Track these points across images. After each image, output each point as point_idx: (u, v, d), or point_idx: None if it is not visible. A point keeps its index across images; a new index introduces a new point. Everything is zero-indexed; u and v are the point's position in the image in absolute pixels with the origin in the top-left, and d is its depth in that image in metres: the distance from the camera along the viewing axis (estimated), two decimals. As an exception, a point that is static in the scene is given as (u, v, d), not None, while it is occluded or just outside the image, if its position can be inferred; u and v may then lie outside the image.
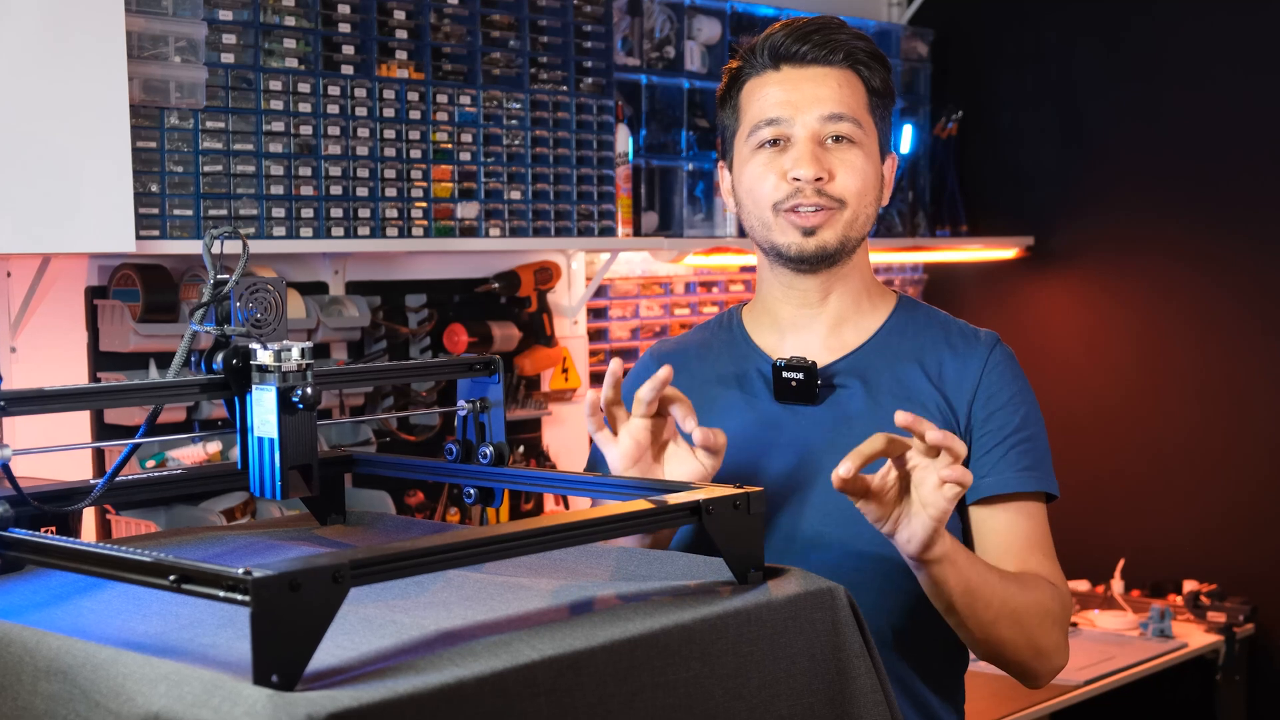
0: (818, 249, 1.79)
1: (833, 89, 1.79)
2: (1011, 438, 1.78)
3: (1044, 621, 1.70)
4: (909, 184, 4.17)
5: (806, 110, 1.78)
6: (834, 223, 1.78)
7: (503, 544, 1.15)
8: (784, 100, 1.79)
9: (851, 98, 1.80)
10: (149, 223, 2.50)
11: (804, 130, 1.78)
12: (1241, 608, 3.72)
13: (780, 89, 1.80)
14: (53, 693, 1.08)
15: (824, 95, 1.78)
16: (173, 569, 1.04)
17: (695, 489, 1.33)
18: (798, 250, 1.79)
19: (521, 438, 3.36)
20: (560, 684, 1.08)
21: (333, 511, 1.61)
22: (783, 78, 1.80)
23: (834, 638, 1.29)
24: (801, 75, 1.80)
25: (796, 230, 1.78)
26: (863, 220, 1.81)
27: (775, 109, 1.79)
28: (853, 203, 1.79)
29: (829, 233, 1.78)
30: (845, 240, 1.80)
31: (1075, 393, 4.06)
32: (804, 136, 1.78)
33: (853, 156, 1.79)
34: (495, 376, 1.54)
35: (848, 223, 1.79)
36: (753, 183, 1.81)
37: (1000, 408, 1.79)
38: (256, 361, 1.31)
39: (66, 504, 1.39)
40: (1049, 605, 1.71)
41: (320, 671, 1.03)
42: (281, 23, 2.67)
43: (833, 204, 1.78)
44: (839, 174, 1.78)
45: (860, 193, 1.79)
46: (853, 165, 1.79)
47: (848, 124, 1.78)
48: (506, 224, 3.05)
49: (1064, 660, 1.76)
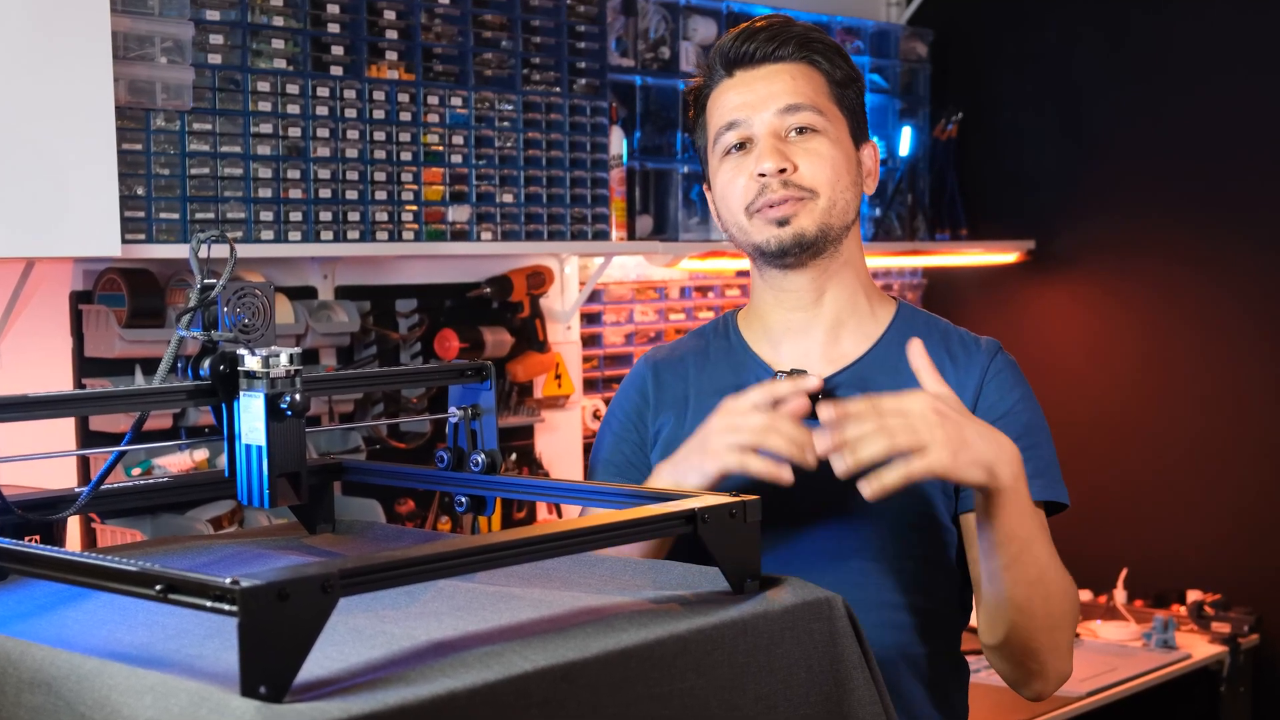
0: (795, 237, 1.77)
1: (786, 82, 1.79)
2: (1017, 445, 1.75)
3: (1069, 616, 1.69)
4: (908, 187, 4.16)
5: (762, 107, 1.78)
6: (808, 210, 1.77)
7: (495, 553, 1.14)
8: (740, 102, 1.79)
9: (808, 87, 1.79)
10: (135, 226, 2.49)
11: (763, 127, 1.78)
12: (1246, 618, 3.70)
13: (735, 93, 1.80)
14: (37, 705, 1.07)
15: (778, 89, 1.78)
16: (159, 578, 1.03)
17: (690, 497, 1.32)
18: (777, 243, 1.77)
19: (514, 445, 3.34)
20: (553, 695, 1.08)
21: (322, 520, 1.60)
22: (737, 82, 1.81)
23: (832, 649, 1.28)
24: (754, 75, 1.80)
25: (770, 225, 1.77)
26: (841, 207, 1.78)
27: (733, 112, 1.79)
28: (825, 190, 1.77)
29: (805, 220, 1.76)
30: (825, 228, 1.78)
31: (1077, 399, 4.04)
32: (763, 134, 1.78)
33: (816, 144, 1.78)
34: (487, 383, 1.53)
35: (824, 210, 1.77)
36: (724, 189, 1.81)
37: (1000, 417, 1.76)
38: (244, 368, 1.30)
39: (51, 512, 1.38)
40: (1074, 598, 1.70)
41: (309, 683, 1.02)
42: (270, 23, 2.65)
43: (802, 193, 1.76)
44: (803, 164, 1.77)
45: (831, 180, 1.77)
46: (817, 153, 1.77)
47: (807, 113, 1.78)
48: (498, 227, 3.03)
49: (1069, 667, 1.74)
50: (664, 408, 1.88)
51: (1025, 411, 1.79)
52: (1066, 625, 1.70)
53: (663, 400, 1.88)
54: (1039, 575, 1.63)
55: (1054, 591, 1.66)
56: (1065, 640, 1.71)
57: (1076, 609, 1.73)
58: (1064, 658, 1.72)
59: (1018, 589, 1.63)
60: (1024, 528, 1.60)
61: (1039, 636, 1.67)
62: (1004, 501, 1.57)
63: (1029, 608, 1.64)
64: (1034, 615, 1.65)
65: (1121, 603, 3.83)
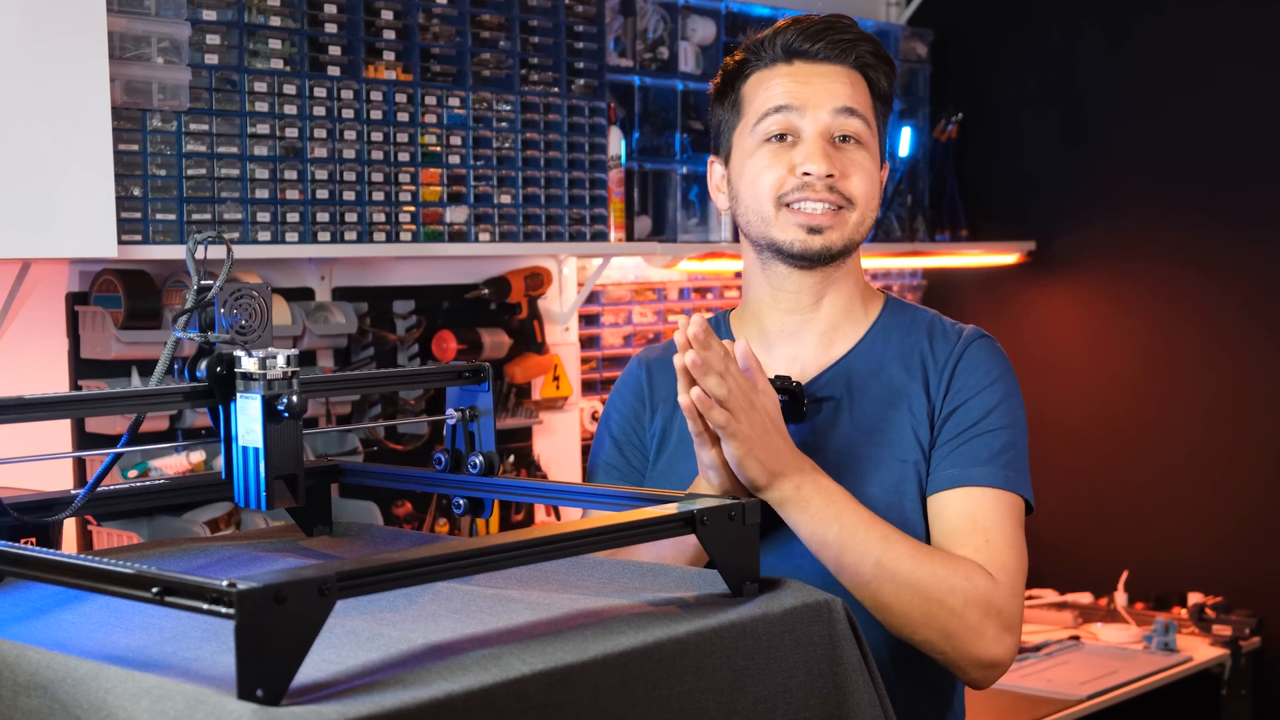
0: (823, 247, 1.77)
1: (844, 86, 1.79)
2: (970, 430, 1.74)
3: (950, 599, 1.61)
4: (908, 188, 4.15)
5: (818, 104, 1.77)
6: (842, 222, 1.77)
7: (492, 556, 1.14)
8: (795, 90, 1.78)
9: (860, 98, 1.80)
10: (131, 227, 2.48)
11: (814, 125, 1.77)
12: (1247, 620, 3.69)
13: (791, 80, 1.79)
14: (33, 708, 1.07)
15: (836, 90, 1.78)
16: (155, 581, 1.03)
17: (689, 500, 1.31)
18: (801, 247, 1.77)
19: (512, 447, 3.34)
20: (551, 699, 1.08)
21: (319, 522, 1.60)
22: (794, 70, 1.80)
23: (831, 651, 1.28)
24: (813, 70, 1.80)
25: (800, 228, 1.76)
26: (867, 224, 1.81)
27: (784, 97, 1.78)
28: (861, 204, 1.78)
29: (836, 233, 1.77)
30: (850, 243, 1.79)
31: (1077, 401, 4.04)
32: (814, 132, 1.77)
33: (861, 158, 1.79)
34: (485, 384, 1.53)
35: (855, 225, 1.79)
36: (755, 175, 1.79)
37: (966, 401, 1.75)
38: (241, 369, 1.30)
39: (47, 514, 1.38)
40: (960, 585, 1.62)
41: (306, 686, 1.02)
42: (266, 23, 2.65)
43: (843, 202, 1.77)
44: (851, 173, 1.77)
45: (868, 195, 1.79)
46: (862, 166, 1.78)
47: (858, 121, 1.78)
48: (496, 228, 3.03)
49: (994, 653, 1.64)
50: (660, 406, 1.87)
51: (993, 397, 1.75)
52: (961, 614, 1.62)
53: (658, 399, 1.88)
54: (874, 574, 1.61)
55: (925, 588, 1.61)
56: (964, 628, 1.62)
57: (985, 598, 1.63)
58: (972, 644, 1.63)
59: (859, 591, 1.62)
60: (829, 534, 1.60)
61: (920, 630, 1.62)
62: (789, 511, 1.60)
63: (880, 605, 1.62)
64: (893, 612, 1.62)
65: (1122, 605, 3.82)
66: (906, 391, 1.77)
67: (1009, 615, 1.66)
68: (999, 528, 1.70)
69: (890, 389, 1.78)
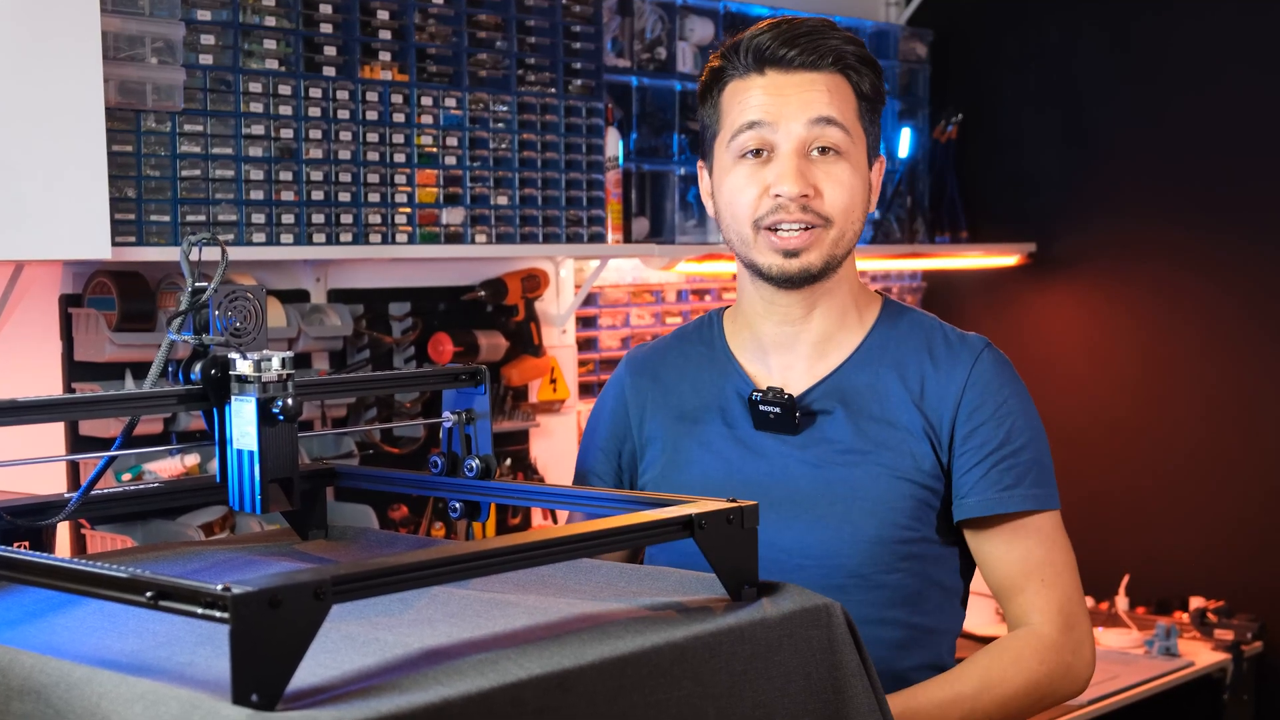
0: (801, 270, 1.74)
1: (820, 94, 1.73)
2: (995, 454, 1.73)
3: (1038, 692, 1.72)
4: (908, 189, 4.14)
5: (791, 117, 1.72)
6: (819, 243, 1.73)
7: (489, 559, 1.13)
8: (767, 104, 1.73)
9: (840, 103, 1.74)
10: (125, 229, 2.47)
11: (788, 141, 1.72)
12: (1250, 625, 3.68)
13: (763, 93, 1.74)
14: (26, 712, 1.07)
15: (811, 99, 1.73)
16: (150, 585, 1.03)
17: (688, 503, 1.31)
18: (779, 271, 1.74)
19: (508, 450, 3.33)
20: (549, 703, 1.07)
21: (314, 526, 1.60)
22: (766, 82, 1.74)
23: (830, 656, 1.27)
24: (786, 81, 1.74)
25: (777, 252, 1.73)
26: (849, 237, 1.76)
27: (757, 111, 1.73)
28: (839, 220, 1.74)
29: (813, 254, 1.73)
30: (831, 260, 1.75)
31: (1078, 404, 4.03)
32: (788, 149, 1.72)
33: (839, 171, 1.74)
34: (481, 387, 1.53)
35: (833, 242, 1.74)
36: (732, 196, 1.76)
37: (983, 423, 1.74)
38: (236, 372, 1.29)
39: (40, 518, 1.38)
40: (1040, 677, 1.72)
41: (301, 691, 1.02)
42: (261, 23, 2.64)
43: (819, 221, 1.72)
44: (825, 190, 1.73)
45: (847, 209, 1.74)
46: (839, 180, 1.73)
47: (835, 130, 1.73)
48: (493, 230, 3.02)
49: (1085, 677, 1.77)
50: (648, 412, 1.86)
51: (1009, 415, 1.75)
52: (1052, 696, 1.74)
53: (645, 404, 1.87)
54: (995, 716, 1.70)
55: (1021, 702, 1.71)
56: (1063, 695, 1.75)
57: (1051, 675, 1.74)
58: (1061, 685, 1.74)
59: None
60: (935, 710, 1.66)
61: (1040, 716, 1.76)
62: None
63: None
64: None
65: (1123, 609, 3.81)
66: (900, 409, 1.75)
67: (1078, 640, 1.76)
68: (1048, 560, 1.75)
69: (885, 402, 1.76)
